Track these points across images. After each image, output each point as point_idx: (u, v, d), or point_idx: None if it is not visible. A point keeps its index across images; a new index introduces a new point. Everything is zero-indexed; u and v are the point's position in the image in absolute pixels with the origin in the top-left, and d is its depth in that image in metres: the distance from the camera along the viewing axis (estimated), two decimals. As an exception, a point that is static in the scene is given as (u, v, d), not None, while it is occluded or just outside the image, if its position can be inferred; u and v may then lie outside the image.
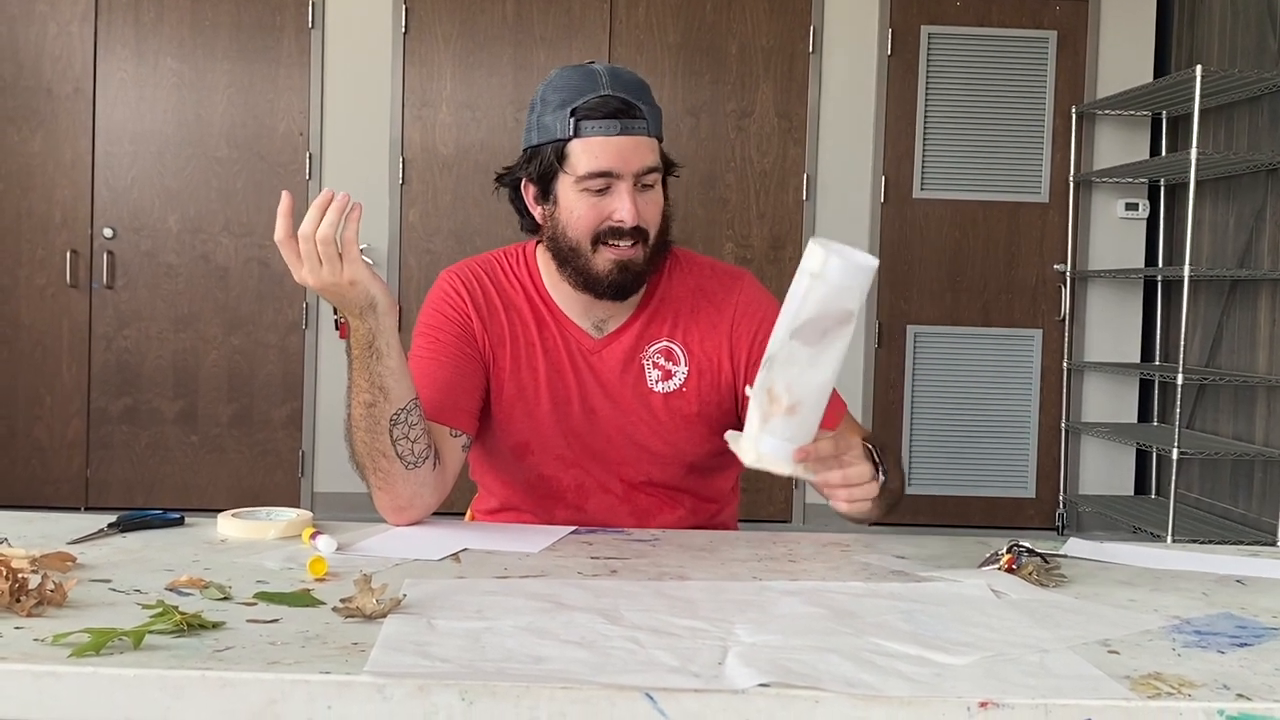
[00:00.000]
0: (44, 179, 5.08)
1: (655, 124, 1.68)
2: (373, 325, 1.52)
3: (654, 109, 1.69)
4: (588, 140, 1.64)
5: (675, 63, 5.18)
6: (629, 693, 0.97)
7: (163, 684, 0.98)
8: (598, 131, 1.64)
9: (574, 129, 1.65)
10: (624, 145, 1.64)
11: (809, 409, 1.37)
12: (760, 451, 1.38)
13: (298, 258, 1.46)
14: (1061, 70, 5.25)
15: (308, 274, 1.46)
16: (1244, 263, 4.72)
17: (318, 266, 1.46)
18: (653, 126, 1.67)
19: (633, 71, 1.73)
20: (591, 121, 1.64)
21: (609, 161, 1.64)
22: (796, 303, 1.34)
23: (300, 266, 1.47)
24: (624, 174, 1.65)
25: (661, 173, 1.70)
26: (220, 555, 1.41)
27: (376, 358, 1.53)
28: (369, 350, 1.53)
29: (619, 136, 1.64)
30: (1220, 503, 4.88)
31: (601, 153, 1.64)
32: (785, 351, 1.35)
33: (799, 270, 1.35)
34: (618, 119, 1.64)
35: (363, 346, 1.53)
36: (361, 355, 1.54)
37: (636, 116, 1.65)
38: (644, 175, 1.66)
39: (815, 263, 1.33)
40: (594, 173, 1.64)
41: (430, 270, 5.10)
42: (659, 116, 1.71)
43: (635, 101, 1.65)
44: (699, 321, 1.77)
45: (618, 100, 1.64)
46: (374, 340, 1.53)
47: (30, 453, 5.13)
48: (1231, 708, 0.98)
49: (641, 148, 1.65)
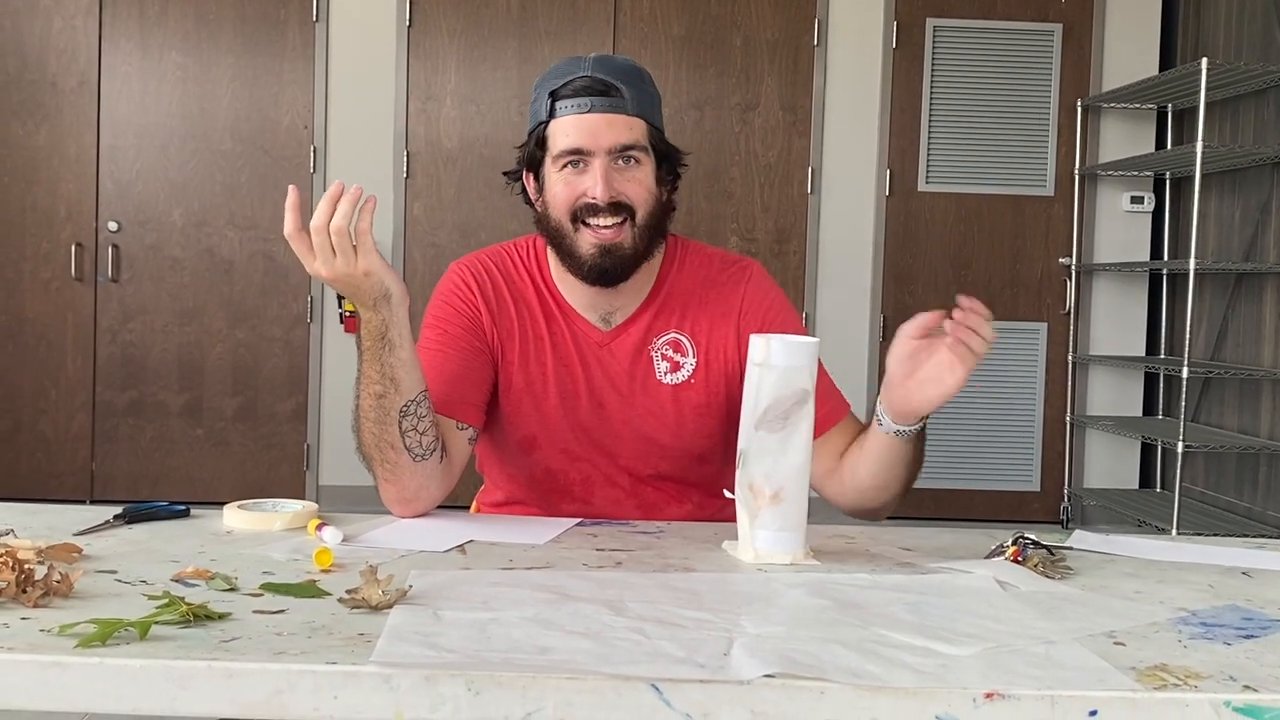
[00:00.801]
0: (49, 173, 5.08)
1: (640, 105, 1.67)
2: (386, 316, 1.52)
3: (640, 91, 1.68)
4: (562, 120, 1.66)
5: (680, 56, 5.17)
6: (635, 683, 0.97)
7: (169, 674, 0.98)
8: (570, 110, 1.65)
9: (550, 110, 1.66)
10: (595, 123, 1.64)
11: (793, 493, 1.40)
12: (757, 549, 1.41)
13: (310, 251, 1.45)
14: (1067, 63, 5.24)
15: (320, 266, 1.46)
16: (1249, 256, 4.71)
17: (331, 258, 1.45)
18: (634, 106, 1.66)
19: (630, 59, 1.73)
20: (565, 101, 1.65)
21: (579, 138, 1.65)
22: (753, 395, 1.41)
23: (313, 259, 1.46)
24: (595, 150, 1.65)
25: (649, 153, 1.69)
26: (226, 547, 1.41)
27: (389, 349, 1.53)
28: (381, 341, 1.53)
29: (591, 114, 1.64)
30: (1225, 496, 4.87)
31: (573, 129, 1.65)
32: (755, 444, 1.40)
33: (747, 367, 1.42)
34: (590, 96, 1.64)
35: (375, 337, 1.53)
36: (373, 346, 1.53)
37: (613, 95, 1.65)
38: (621, 153, 1.65)
39: (759, 353, 1.41)
40: (566, 150, 1.65)
41: (434, 264, 5.10)
42: (648, 100, 1.70)
43: (614, 81, 1.65)
44: (707, 312, 1.77)
45: (594, 80, 1.65)
46: (386, 331, 1.52)
47: (35, 446, 5.14)
48: (1238, 699, 0.98)
49: (616, 125, 1.65)
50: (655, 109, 1.72)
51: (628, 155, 1.66)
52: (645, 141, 1.68)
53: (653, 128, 1.70)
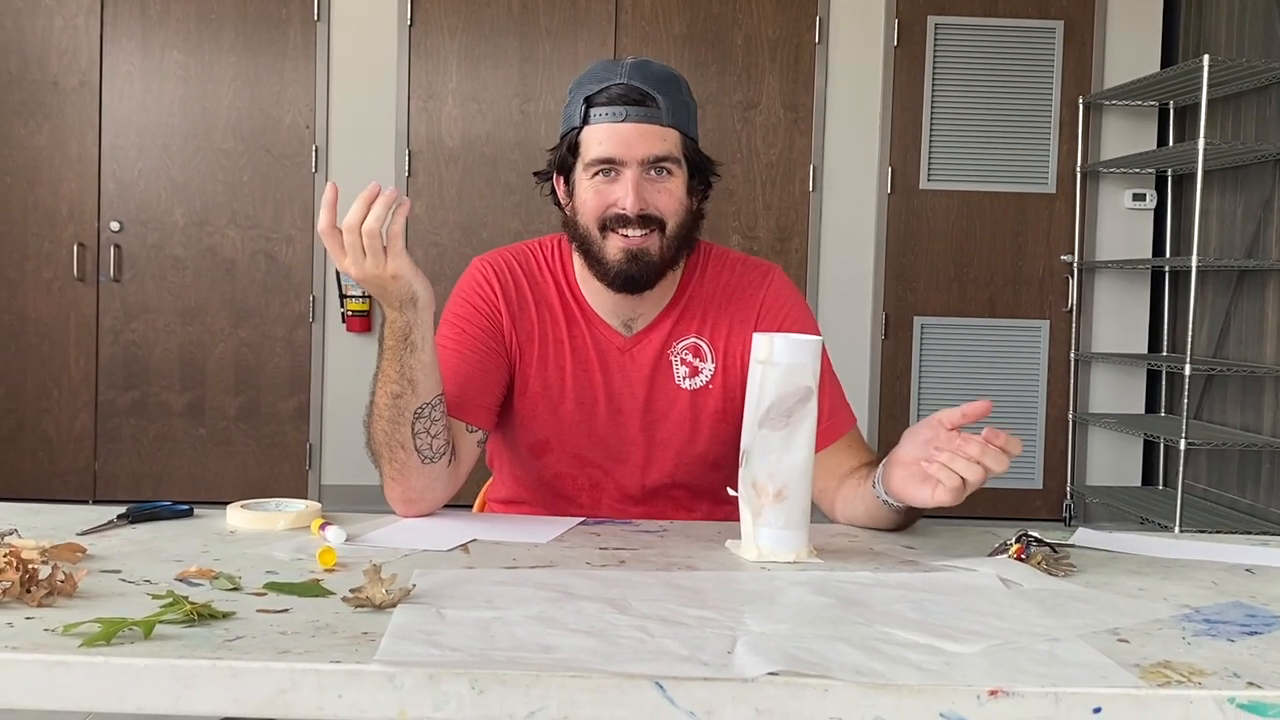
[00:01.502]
0: (50, 172, 5.09)
1: (676, 115, 1.66)
2: (411, 319, 1.51)
3: (676, 100, 1.66)
4: (595, 127, 1.64)
5: (681, 54, 5.17)
6: (638, 681, 0.97)
7: (173, 673, 0.98)
8: (605, 118, 1.63)
9: (584, 116, 1.65)
10: (629, 132, 1.63)
11: (796, 491, 1.40)
12: (761, 547, 1.41)
13: (340, 249, 1.45)
14: (1068, 60, 5.24)
15: (350, 264, 1.45)
16: (1252, 253, 4.71)
17: (361, 258, 1.45)
18: (670, 117, 1.65)
19: (668, 67, 1.70)
20: (600, 109, 1.64)
21: (612, 148, 1.63)
22: (756, 393, 1.40)
23: (343, 256, 1.45)
24: (628, 160, 1.63)
25: (681, 165, 1.67)
26: (229, 546, 1.41)
27: (411, 350, 1.52)
28: (404, 343, 1.52)
29: (624, 124, 1.63)
30: (1228, 493, 4.87)
31: (605, 139, 1.63)
32: (758, 442, 1.40)
33: (750, 365, 1.42)
34: (625, 105, 1.63)
35: (398, 338, 1.52)
36: (395, 346, 1.53)
37: (649, 105, 1.63)
38: (653, 164, 1.64)
39: (762, 351, 1.40)
40: (598, 159, 1.64)
41: (437, 263, 5.10)
42: (684, 109, 1.68)
43: (650, 91, 1.63)
44: (726, 317, 1.76)
45: (631, 88, 1.63)
46: (410, 333, 1.52)
47: (38, 446, 5.14)
48: (1242, 696, 0.98)
49: (650, 136, 1.63)
50: (691, 118, 1.70)
51: (660, 166, 1.65)
52: (678, 153, 1.67)
53: (686, 138, 1.68)
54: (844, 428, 1.72)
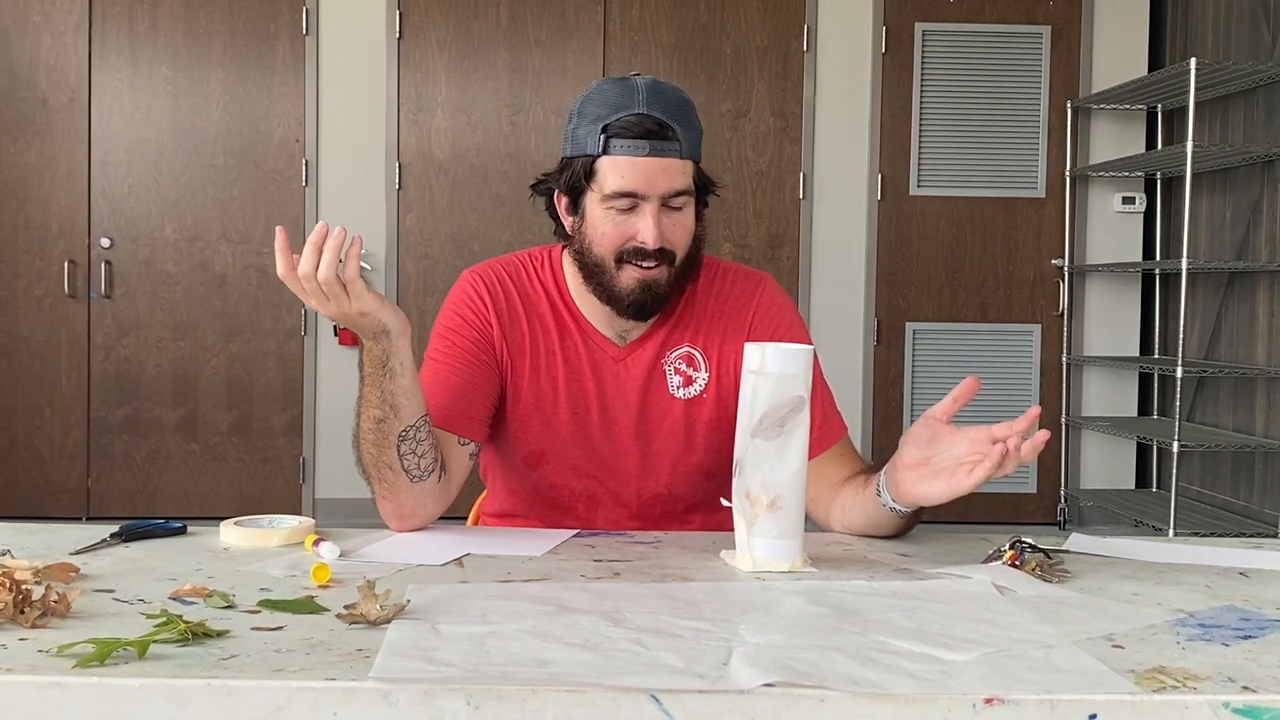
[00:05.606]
0: (40, 190, 5.08)
1: (690, 146, 1.65)
2: (386, 347, 1.52)
3: (691, 130, 1.66)
4: (616, 159, 1.62)
5: (670, 63, 5.18)
6: (634, 694, 0.97)
7: (168, 693, 0.97)
8: (626, 151, 1.62)
9: (604, 146, 1.63)
10: (652, 167, 1.62)
11: (789, 500, 1.40)
12: (755, 557, 1.41)
13: (304, 292, 1.45)
14: (1056, 65, 5.25)
15: (316, 306, 1.46)
16: (1241, 255, 4.72)
17: (325, 301, 1.45)
18: (686, 149, 1.64)
19: (677, 88, 1.70)
20: (621, 140, 1.62)
21: (634, 183, 1.62)
22: (749, 403, 1.41)
23: (309, 299, 1.45)
24: (649, 195, 1.63)
25: (693, 195, 1.68)
26: (223, 563, 1.41)
27: (390, 377, 1.53)
28: (383, 370, 1.53)
29: (647, 158, 1.62)
30: (1221, 495, 4.88)
31: (628, 173, 1.62)
32: (751, 452, 1.41)
33: (743, 375, 1.42)
34: (648, 139, 1.62)
35: (376, 365, 1.53)
36: (374, 373, 1.53)
37: (669, 138, 1.62)
38: (671, 198, 1.64)
39: (754, 361, 1.41)
40: (619, 192, 1.63)
41: (428, 275, 5.10)
42: (697, 138, 1.68)
43: (669, 122, 1.63)
44: (720, 326, 1.76)
45: (650, 120, 1.62)
46: (388, 360, 1.52)
47: (30, 463, 5.13)
48: (1237, 700, 0.98)
49: (670, 170, 1.63)
50: (699, 143, 1.70)
51: (677, 200, 1.65)
52: (692, 184, 1.67)
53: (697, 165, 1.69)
54: (835, 436, 1.72)
